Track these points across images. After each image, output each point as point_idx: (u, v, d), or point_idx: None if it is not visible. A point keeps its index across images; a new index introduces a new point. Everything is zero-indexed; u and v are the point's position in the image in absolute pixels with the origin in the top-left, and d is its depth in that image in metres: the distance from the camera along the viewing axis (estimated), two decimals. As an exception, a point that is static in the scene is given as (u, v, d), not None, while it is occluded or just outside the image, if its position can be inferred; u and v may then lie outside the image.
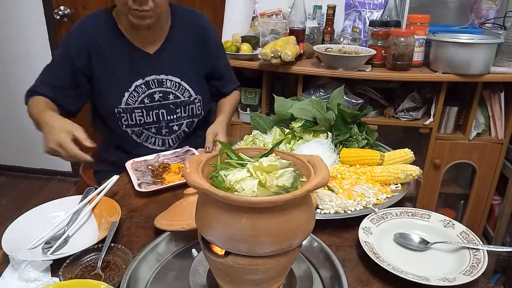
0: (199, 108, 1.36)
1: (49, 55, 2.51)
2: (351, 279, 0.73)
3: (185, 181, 1.04)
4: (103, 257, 0.75)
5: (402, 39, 1.66)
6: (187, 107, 1.33)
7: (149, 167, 1.15)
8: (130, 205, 0.98)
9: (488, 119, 1.82)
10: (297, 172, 0.61)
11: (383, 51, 1.75)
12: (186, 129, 1.36)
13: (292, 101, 1.22)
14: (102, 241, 0.79)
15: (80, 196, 0.96)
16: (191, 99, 1.32)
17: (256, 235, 0.53)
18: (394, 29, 1.73)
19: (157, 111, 1.29)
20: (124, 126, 1.28)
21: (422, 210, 0.91)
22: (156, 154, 1.22)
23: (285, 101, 1.22)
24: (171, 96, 1.29)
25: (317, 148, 1.06)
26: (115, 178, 1.01)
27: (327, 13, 1.91)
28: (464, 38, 1.67)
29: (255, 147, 1.13)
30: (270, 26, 1.93)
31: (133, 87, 1.24)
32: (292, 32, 1.80)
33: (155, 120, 1.30)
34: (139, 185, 1.04)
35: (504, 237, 1.97)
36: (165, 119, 1.31)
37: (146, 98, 1.26)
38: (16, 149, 2.83)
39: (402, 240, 0.83)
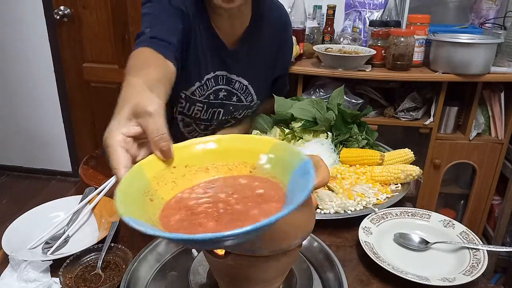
0: (254, 112, 1.28)
1: (49, 55, 2.51)
2: (351, 279, 0.73)
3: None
4: (103, 257, 0.75)
5: (402, 39, 1.66)
6: (246, 111, 1.25)
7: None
8: (130, 205, 0.98)
9: (488, 119, 1.82)
10: (297, 172, 0.60)
11: (383, 51, 1.75)
12: None
13: (292, 101, 1.22)
14: (102, 241, 0.79)
15: (80, 196, 0.96)
16: (251, 104, 1.23)
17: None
18: (394, 29, 1.73)
19: (216, 109, 1.19)
20: (177, 112, 1.18)
21: (422, 210, 0.91)
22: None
23: (285, 101, 1.22)
24: (234, 98, 1.20)
25: (317, 148, 1.06)
26: (115, 178, 1.01)
27: (327, 13, 1.91)
28: (464, 38, 1.67)
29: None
30: (270, 26, 1.93)
31: (204, 80, 1.12)
32: (292, 32, 1.80)
33: (209, 118, 1.20)
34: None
35: (504, 237, 1.97)
36: (219, 118, 1.22)
37: (212, 95, 1.15)
38: (16, 149, 2.83)
39: (402, 240, 0.83)
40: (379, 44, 1.76)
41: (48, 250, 0.80)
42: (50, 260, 0.75)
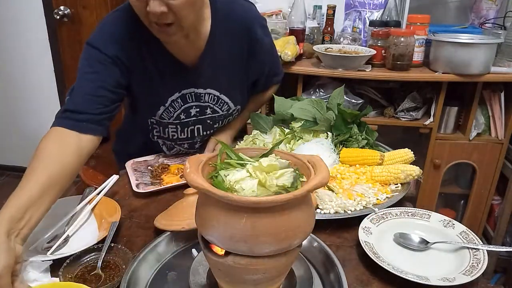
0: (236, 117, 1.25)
1: (49, 55, 2.51)
2: (351, 279, 0.73)
3: (182, 182, 1.04)
4: (103, 257, 0.75)
5: (402, 39, 1.66)
6: (225, 120, 1.22)
7: (149, 167, 1.15)
8: (130, 205, 0.98)
9: (488, 119, 1.82)
10: (297, 172, 0.60)
11: (383, 51, 1.75)
12: None
13: (292, 101, 1.22)
14: (102, 241, 0.79)
15: (80, 196, 0.96)
16: (229, 112, 1.19)
17: (256, 235, 0.53)
18: (394, 29, 1.73)
19: (193, 127, 1.18)
20: (155, 137, 1.19)
21: (422, 210, 0.91)
22: (156, 155, 1.22)
23: (285, 101, 1.22)
24: (208, 111, 1.16)
25: (317, 148, 1.06)
26: (115, 178, 1.01)
27: (327, 13, 1.91)
28: (464, 38, 1.67)
29: (255, 147, 1.13)
30: (270, 26, 1.92)
31: (169, 102, 1.10)
32: (292, 32, 1.80)
33: (189, 136, 1.20)
34: (137, 185, 1.04)
35: (504, 237, 1.97)
36: (201, 134, 1.20)
37: (182, 114, 1.14)
38: (16, 149, 2.83)
39: (402, 240, 0.83)
40: (379, 44, 1.76)
41: (48, 250, 0.80)
42: (50, 260, 0.75)
